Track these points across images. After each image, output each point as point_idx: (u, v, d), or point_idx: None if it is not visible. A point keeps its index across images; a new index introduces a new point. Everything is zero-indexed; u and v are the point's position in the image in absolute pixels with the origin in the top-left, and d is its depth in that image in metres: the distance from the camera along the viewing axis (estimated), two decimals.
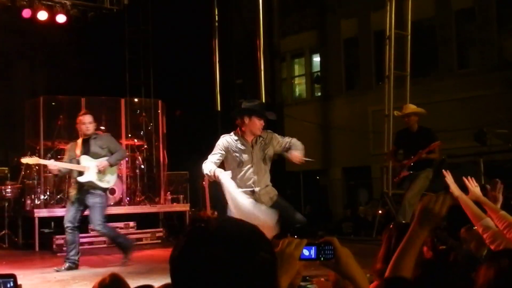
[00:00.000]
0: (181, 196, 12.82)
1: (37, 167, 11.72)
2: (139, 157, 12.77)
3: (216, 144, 6.84)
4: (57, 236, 10.97)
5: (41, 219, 11.17)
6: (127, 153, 12.60)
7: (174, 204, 12.67)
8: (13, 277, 1.73)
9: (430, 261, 3.52)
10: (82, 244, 11.19)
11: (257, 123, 6.74)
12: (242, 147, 6.76)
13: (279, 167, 16.99)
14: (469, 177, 4.07)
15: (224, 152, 6.77)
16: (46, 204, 11.50)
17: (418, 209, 2.38)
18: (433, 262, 3.57)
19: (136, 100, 14.04)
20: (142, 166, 12.94)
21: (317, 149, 17.75)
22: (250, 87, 15.58)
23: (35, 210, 11.12)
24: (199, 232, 1.41)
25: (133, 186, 12.61)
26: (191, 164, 12.49)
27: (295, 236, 3.86)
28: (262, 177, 6.82)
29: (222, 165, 6.87)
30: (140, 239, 11.62)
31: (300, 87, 19.80)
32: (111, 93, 13.29)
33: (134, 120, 13.19)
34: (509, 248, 2.95)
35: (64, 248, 10.67)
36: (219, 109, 15.55)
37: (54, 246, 10.83)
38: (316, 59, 19.17)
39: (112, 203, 11.80)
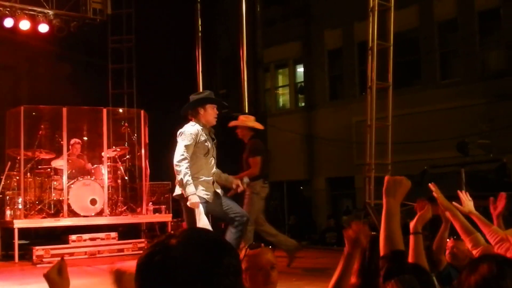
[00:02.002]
0: (163, 206, 12.74)
1: (17, 178, 11.60)
2: (121, 167, 12.67)
3: (188, 133, 6.73)
4: (37, 247, 10.85)
5: (21, 230, 11.03)
6: (109, 164, 12.53)
7: (156, 214, 12.58)
8: None
9: None
10: (62, 255, 11.12)
11: (212, 112, 6.85)
12: (206, 136, 6.81)
13: None
14: (463, 191, 4.06)
15: (194, 142, 6.72)
16: (26, 215, 11.37)
17: (384, 186, 2.63)
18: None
19: (118, 110, 13.95)
20: (125, 177, 12.84)
21: (300, 159, 17.78)
22: (234, 97, 15.55)
23: (15, 221, 10.98)
24: (166, 238, 1.43)
25: (114, 196, 12.50)
26: (173, 174, 12.44)
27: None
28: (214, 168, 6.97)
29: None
30: (121, 250, 11.51)
31: (284, 97, 19.84)
32: (94, 103, 13.20)
33: (117, 130, 13.10)
34: (488, 254, 2.92)
35: (44, 260, 10.64)
36: None
37: (34, 257, 10.69)
38: (300, 69, 19.23)
39: (93, 214, 11.72)
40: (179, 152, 6.65)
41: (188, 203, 6.55)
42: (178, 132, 6.87)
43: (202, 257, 1.36)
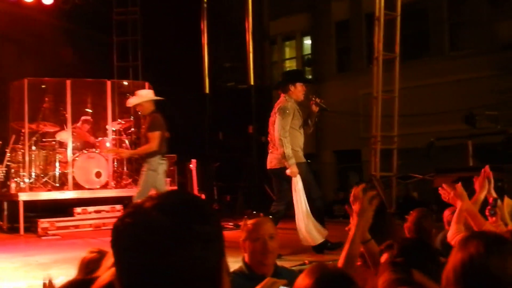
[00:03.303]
0: (169, 179, 12.71)
1: (22, 151, 11.60)
2: (126, 140, 12.63)
3: (286, 109, 7.41)
4: (42, 220, 10.88)
5: (26, 202, 11.04)
6: (115, 136, 12.50)
7: None
8: None
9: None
10: (67, 227, 11.17)
11: (301, 89, 7.56)
12: (298, 111, 7.54)
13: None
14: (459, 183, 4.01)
15: (292, 116, 7.41)
16: (31, 188, 11.37)
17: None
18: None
19: (123, 82, 13.86)
20: (130, 149, 12.80)
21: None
22: (240, 70, 15.43)
23: (20, 194, 10.99)
24: (144, 201, 1.37)
25: (119, 169, 12.49)
26: (179, 147, 12.37)
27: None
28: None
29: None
30: None
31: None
32: (99, 76, 13.14)
33: (122, 103, 13.04)
34: (480, 232, 2.86)
35: (49, 232, 10.68)
36: (207, 91, 15.41)
37: (39, 229, 10.73)
38: (307, 41, 19.03)
39: (98, 186, 11.72)
40: (281, 126, 7.33)
41: (287, 171, 7.22)
42: (278, 108, 7.51)
43: (170, 222, 1.28)
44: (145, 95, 9.02)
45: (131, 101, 9.08)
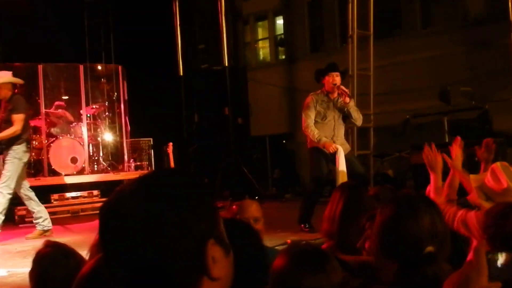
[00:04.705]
0: (145, 163, 12.66)
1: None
2: (101, 125, 12.51)
3: (308, 103, 8.01)
4: (19, 207, 10.74)
5: None
6: (89, 121, 12.36)
7: (138, 171, 12.49)
8: None
9: None
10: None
11: (330, 80, 7.89)
12: (325, 104, 7.96)
13: (245, 132, 16.94)
14: (457, 137, 4.04)
15: (314, 108, 7.93)
16: None
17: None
18: None
19: (96, 66, 13.69)
20: (105, 134, 12.70)
21: (282, 113, 17.69)
22: (213, 52, 15.34)
23: None
24: (126, 184, 1.31)
25: (95, 154, 12.37)
26: (155, 130, 12.32)
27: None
28: (339, 132, 8.04)
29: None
30: None
31: (264, 50, 19.59)
32: (71, 60, 12.95)
33: (95, 87, 12.90)
34: (402, 194, 2.87)
35: (26, 219, 10.54)
36: (181, 74, 15.30)
37: (16, 217, 10.60)
38: (280, 21, 18.96)
39: (75, 172, 11.60)
40: (304, 120, 7.96)
41: (320, 144, 7.76)
42: None
43: (143, 210, 1.23)
44: (3, 77, 8.40)
45: None
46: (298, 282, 2.01)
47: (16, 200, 11.72)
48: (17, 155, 8.15)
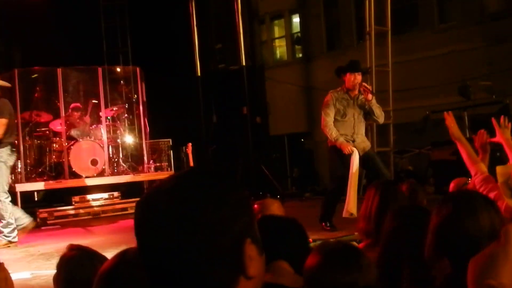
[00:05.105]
0: (165, 163, 12.68)
1: (16, 142, 11.50)
2: (120, 127, 12.56)
3: (327, 101, 7.98)
4: (41, 210, 10.83)
5: (23, 193, 10.97)
6: (108, 123, 12.41)
7: (158, 172, 12.53)
8: None
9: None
10: (66, 216, 11.13)
11: (350, 78, 7.87)
12: (344, 101, 7.94)
13: (263, 132, 16.93)
14: (502, 116, 4.06)
15: (333, 106, 7.91)
16: (27, 179, 11.30)
17: None
18: None
19: (114, 68, 13.74)
20: (124, 136, 12.75)
21: (300, 112, 17.65)
22: (230, 51, 15.35)
23: (17, 185, 10.92)
24: (163, 182, 1.30)
25: (115, 156, 12.43)
26: (174, 131, 12.33)
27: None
28: (359, 129, 8.00)
29: None
30: (125, 209, 11.51)
31: (280, 49, 19.54)
32: (89, 63, 13.02)
33: (114, 89, 12.95)
34: (460, 192, 2.83)
35: (48, 222, 10.62)
36: (199, 74, 15.30)
37: (38, 219, 10.67)
38: (296, 19, 18.91)
39: (95, 174, 11.66)
40: (323, 118, 7.94)
41: (337, 144, 7.76)
42: None
43: (182, 207, 1.22)
44: None
45: None
46: (332, 280, 2.01)
47: (38, 203, 11.88)
48: (2, 159, 8.09)
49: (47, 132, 11.79)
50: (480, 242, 2.06)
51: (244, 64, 14.17)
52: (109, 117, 12.49)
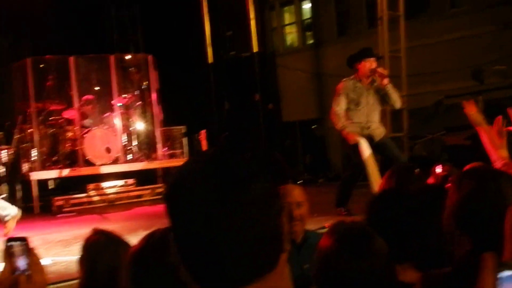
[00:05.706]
0: (179, 151, 12.71)
1: (29, 130, 11.56)
2: (133, 115, 12.58)
3: (338, 90, 7.93)
4: (56, 198, 10.89)
5: (39, 181, 11.04)
6: (121, 111, 12.43)
7: (172, 159, 12.55)
8: (25, 240, 1.71)
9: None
10: (82, 203, 11.18)
11: (366, 65, 7.77)
12: (358, 90, 7.86)
13: (276, 118, 16.92)
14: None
15: (346, 95, 7.85)
16: (42, 167, 11.35)
17: None
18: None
19: (125, 56, 13.70)
20: (137, 123, 12.77)
21: (311, 98, 17.61)
22: (240, 39, 15.32)
23: (32, 173, 10.98)
24: (190, 163, 1.27)
25: (129, 143, 12.45)
26: (186, 118, 12.34)
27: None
28: (374, 116, 7.97)
29: None
30: (140, 196, 11.55)
31: (291, 35, 19.47)
32: (100, 51, 13.02)
33: (125, 77, 12.95)
34: (476, 168, 2.82)
35: (64, 210, 10.68)
36: (210, 61, 15.29)
37: (53, 207, 10.73)
38: (306, 6, 18.83)
39: (109, 162, 11.70)
40: (333, 107, 7.93)
41: (343, 134, 7.79)
42: None
43: (220, 187, 1.17)
44: None
45: None
46: (345, 262, 2.01)
47: (53, 191, 11.95)
48: None
49: (61, 120, 11.81)
50: (502, 219, 2.01)
51: (255, 51, 14.15)
52: (121, 105, 12.49)
